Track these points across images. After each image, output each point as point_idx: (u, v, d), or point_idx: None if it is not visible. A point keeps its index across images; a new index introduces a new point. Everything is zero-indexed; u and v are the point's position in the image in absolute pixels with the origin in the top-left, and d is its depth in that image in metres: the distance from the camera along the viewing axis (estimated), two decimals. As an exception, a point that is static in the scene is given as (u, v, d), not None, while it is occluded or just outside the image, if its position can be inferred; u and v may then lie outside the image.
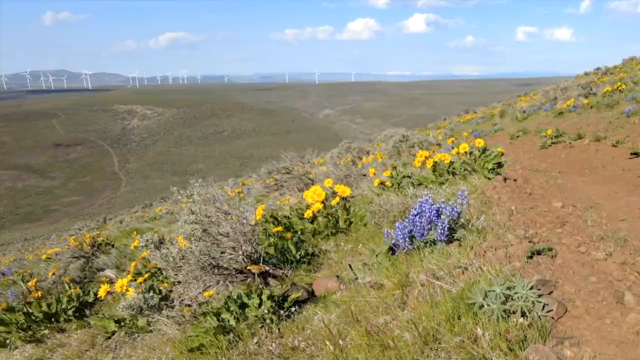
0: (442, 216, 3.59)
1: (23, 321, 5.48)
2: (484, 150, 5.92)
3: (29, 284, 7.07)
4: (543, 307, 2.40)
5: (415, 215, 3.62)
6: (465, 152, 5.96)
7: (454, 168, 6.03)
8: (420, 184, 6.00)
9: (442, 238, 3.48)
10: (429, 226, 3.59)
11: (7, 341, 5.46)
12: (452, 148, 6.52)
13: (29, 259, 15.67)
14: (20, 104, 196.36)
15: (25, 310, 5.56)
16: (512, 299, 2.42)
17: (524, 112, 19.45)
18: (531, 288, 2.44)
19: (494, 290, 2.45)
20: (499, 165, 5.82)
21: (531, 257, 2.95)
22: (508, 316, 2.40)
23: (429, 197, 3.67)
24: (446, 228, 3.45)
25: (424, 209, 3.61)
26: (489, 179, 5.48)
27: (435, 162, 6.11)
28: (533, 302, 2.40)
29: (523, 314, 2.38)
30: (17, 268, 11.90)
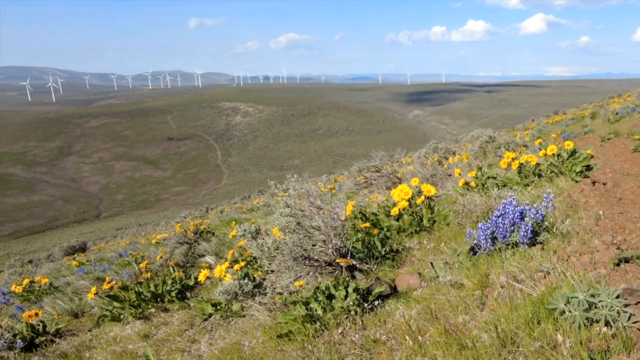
0: (525, 218, 3.46)
1: (134, 299, 5.81)
2: (573, 152, 5.63)
3: (141, 265, 7.51)
4: (629, 317, 2.26)
5: (498, 217, 3.51)
6: (553, 154, 5.70)
7: (540, 170, 5.78)
8: (504, 185, 5.81)
9: (525, 240, 3.34)
10: (512, 228, 3.47)
11: (121, 316, 5.83)
12: (540, 149, 6.25)
13: (142, 242, 16.56)
14: (142, 101, 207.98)
15: (136, 289, 5.89)
16: (595, 306, 2.30)
17: (617, 114, 18.26)
18: (617, 297, 2.31)
19: (576, 297, 2.34)
20: (588, 168, 5.52)
21: (618, 265, 2.79)
22: (591, 324, 2.27)
23: (513, 199, 3.55)
24: (529, 230, 3.31)
25: (507, 210, 3.49)
26: (576, 181, 5.22)
27: (521, 164, 5.88)
28: (618, 312, 2.27)
29: (607, 323, 2.25)
30: (131, 251, 12.67)
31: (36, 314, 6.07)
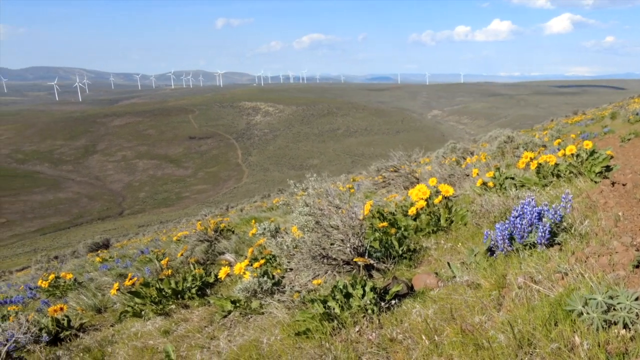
0: (543, 219, 3.41)
1: (155, 295, 5.86)
2: (592, 152, 5.54)
3: (162, 262, 7.58)
4: (648, 319, 2.24)
5: (516, 217, 3.47)
6: (572, 154, 5.62)
7: (558, 170, 5.70)
8: (522, 186, 5.74)
9: (543, 241, 3.29)
10: (530, 228, 3.43)
11: (142, 312, 5.89)
12: (558, 150, 6.17)
13: (163, 239, 16.72)
14: (164, 101, 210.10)
15: (157, 286, 5.94)
16: (614, 309, 2.27)
17: (637, 114, 17.93)
18: (636, 299, 2.27)
19: (595, 299, 2.30)
20: (607, 168, 5.43)
21: (637, 267, 2.73)
22: (609, 327, 2.24)
23: (532, 199, 3.51)
24: (547, 231, 3.26)
25: (525, 211, 3.45)
26: (595, 182, 5.14)
27: (540, 164, 5.80)
28: (637, 314, 2.23)
29: (625, 326, 2.22)
30: (153, 248, 12.81)
31: (61, 309, 6.17)
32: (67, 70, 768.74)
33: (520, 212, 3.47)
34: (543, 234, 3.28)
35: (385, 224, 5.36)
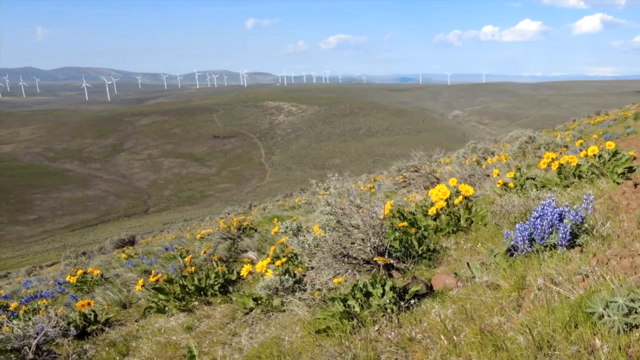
0: (564, 220, 3.36)
1: (179, 292, 5.92)
2: (615, 153, 5.44)
3: (186, 259, 7.64)
4: (670, 323, 2.19)
5: (537, 218, 3.42)
6: (594, 155, 5.52)
7: (580, 171, 5.60)
8: (543, 187, 5.66)
9: (563, 243, 3.24)
10: (550, 230, 3.37)
11: (166, 308, 5.95)
12: (580, 150, 6.07)
13: (187, 237, 16.85)
14: (189, 100, 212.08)
15: (181, 282, 5.99)
16: (635, 312, 2.22)
17: (661, 115, 17.54)
18: (658, 302, 2.24)
19: (616, 301, 2.26)
20: (630, 169, 5.32)
21: (661, 270, 2.69)
22: (630, 330, 2.20)
23: (552, 200, 3.45)
24: (568, 233, 3.21)
25: (546, 211, 3.40)
26: (617, 183, 5.04)
27: (561, 165, 5.71)
28: (659, 318, 2.20)
29: (647, 329, 2.19)
30: (177, 245, 12.92)
31: (88, 304, 6.27)
32: (97, 70, 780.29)
33: (541, 213, 3.43)
34: (564, 235, 3.23)
35: (405, 223, 5.34)
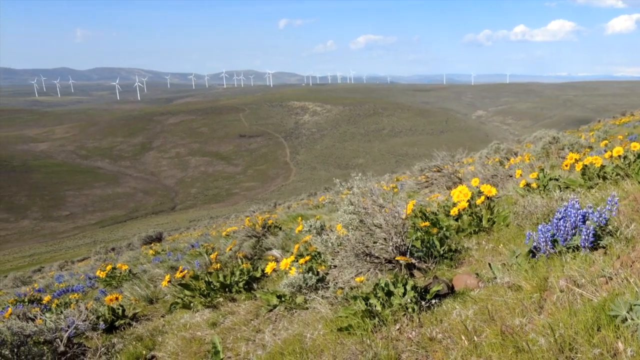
0: (587, 222, 3.28)
1: (204, 288, 5.96)
2: (640, 154, 5.32)
3: (211, 256, 7.70)
4: (696, 328, 2.13)
5: (560, 219, 3.36)
6: (619, 156, 5.40)
7: (604, 172, 5.48)
8: (567, 187, 5.55)
9: (587, 244, 3.17)
10: (573, 231, 3.31)
11: (191, 304, 6.00)
12: (605, 151, 5.93)
13: (212, 234, 16.98)
14: (216, 100, 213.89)
15: (206, 279, 6.03)
16: (661, 316, 2.18)
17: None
18: (684, 307, 2.18)
19: (640, 305, 2.22)
20: (656, 171, 5.19)
21: (687, 274, 2.62)
22: (655, 334, 2.16)
23: (576, 201, 3.38)
24: (591, 234, 3.14)
25: (569, 213, 3.33)
26: (642, 185, 4.93)
27: (585, 166, 5.59)
28: (685, 322, 2.14)
29: (672, 334, 2.13)
30: (203, 242, 13.04)
31: (117, 298, 6.36)
32: (128, 70, 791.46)
33: (564, 214, 3.37)
34: (587, 237, 3.17)
35: (427, 223, 5.30)
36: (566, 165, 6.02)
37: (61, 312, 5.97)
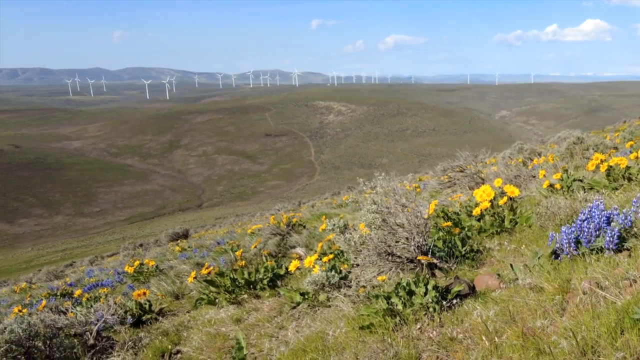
0: (612, 223, 3.22)
1: (229, 285, 5.99)
2: (666, 154, 5.19)
3: (236, 253, 7.76)
4: None
5: (583, 221, 3.30)
6: (644, 156, 5.29)
7: (630, 173, 5.35)
8: (591, 189, 5.45)
9: (611, 246, 3.11)
10: (597, 233, 3.24)
11: (216, 300, 6.05)
12: (630, 152, 5.80)
13: (238, 232, 17.08)
14: (243, 99, 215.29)
15: (231, 276, 6.07)
16: (686, 320, 2.13)
17: None
18: None
19: (665, 309, 2.17)
20: (682, 172, 5.07)
21: None
22: (680, 338, 2.12)
23: (600, 203, 3.32)
24: (616, 236, 3.07)
25: (593, 214, 3.27)
26: (669, 186, 4.82)
27: (610, 166, 5.47)
28: None
29: (698, 339, 2.08)
30: (228, 239, 13.13)
31: (144, 293, 6.45)
32: (158, 70, 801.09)
33: (588, 216, 3.31)
34: (611, 239, 3.10)
35: (449, 223, 5.26)
36: (591, 166, 5.91)
37: (91, 306, 6.08)
